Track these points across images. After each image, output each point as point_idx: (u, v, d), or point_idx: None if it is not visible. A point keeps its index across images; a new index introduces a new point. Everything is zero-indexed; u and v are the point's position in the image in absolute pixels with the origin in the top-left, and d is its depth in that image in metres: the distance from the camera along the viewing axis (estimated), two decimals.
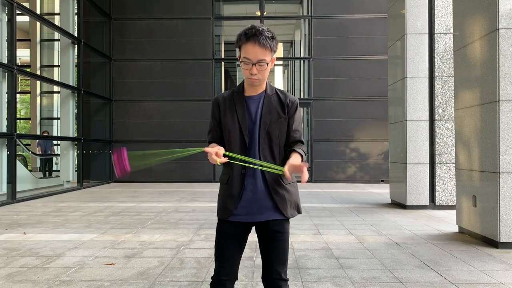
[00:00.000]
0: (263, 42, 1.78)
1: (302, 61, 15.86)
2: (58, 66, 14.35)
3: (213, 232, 5.26)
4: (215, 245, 1.93)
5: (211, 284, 1.90)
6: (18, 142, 10.66)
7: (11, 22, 8.72)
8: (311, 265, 3.83)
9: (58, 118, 15.11)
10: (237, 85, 2.28)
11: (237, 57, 1.92)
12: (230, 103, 1.92)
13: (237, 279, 1.93)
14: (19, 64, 16.29)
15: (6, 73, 8.64)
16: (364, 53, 13.32)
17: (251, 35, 1.79)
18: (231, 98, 1.94)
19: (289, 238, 4.88)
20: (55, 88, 15.85)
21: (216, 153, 1.75)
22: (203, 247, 4.53)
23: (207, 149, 1.77)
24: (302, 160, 1.83)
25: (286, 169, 1.74)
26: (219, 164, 1.77)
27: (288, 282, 1.93)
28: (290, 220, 1.96)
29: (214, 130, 1.96)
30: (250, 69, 1.82)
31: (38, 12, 14.36)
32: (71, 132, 11.71)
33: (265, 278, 1.91)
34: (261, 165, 1.84)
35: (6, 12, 8.77)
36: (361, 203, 8.28)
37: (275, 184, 1.88)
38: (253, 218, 1.88)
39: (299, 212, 1.96)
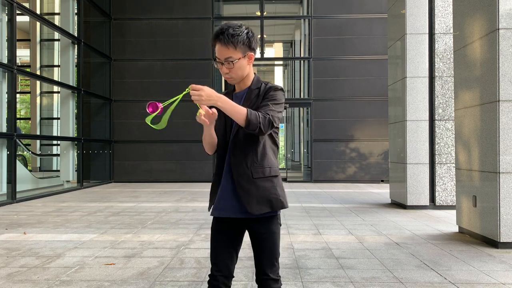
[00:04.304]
0: (224, 41, 1.78)
1: (302, 61, 15.87)
2: (58, 66, 14.33)
3: None
4: (210, 243, 1.97)
5: (208, 281, 1.93)
6: (18, 142, 10.66)
7: (11, 22, 8.72)
8: (311, 265, 3.83)
9: (58, 118, 15.10)
10: None
11: None
12: None
13: (233, 277, 1.93)
14: (19, 64, 16.28)
15: (6, 73, 8.64)
16: (364, 53, 13.32)
17: (215, 35, 1.82)
18: None
19: (289, 238, 4.89)
20: (55, 88, 15.84)
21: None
22: (203, 247, 4.52)
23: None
24: (246, 120, 1.70)
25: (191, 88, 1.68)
26: (203, 113, 1.72)
27: (281, 281, 1.92)
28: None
29: None
30: (221, 68, 1.85)
31: (38, 12, 14.35)
32: (71, 132, 11.71)
33: (256, 279, 1.92)
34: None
35: (6, 12, 8.77)
36: (361, 203, 8.28)
37: (240, 178, 1.84)
38: (226, 213, 1.89)
39: (272, 208, 1.84)
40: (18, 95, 14.81)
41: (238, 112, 1.71)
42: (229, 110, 1.72)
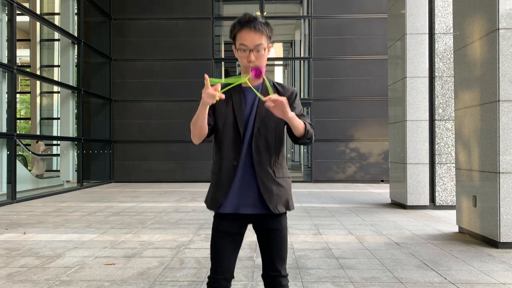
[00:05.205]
0: (258, 27, 1.79)
1: (302, 61, 15.87)
2: (58, 66, 14.33)
3: None
4: (210, 243, 1.91)
5: (207, 283, 1.90)
6: (18, 142, 10.66)
7: (11, 22, 8.72)
8: (311, 265, 3.83)
9: (58, 118, 15.10)
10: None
11: (232, 48, 1.90)
12: (227, 92, 1.86)
13: (233, 278, 1.91)
14: (19, 64, 16.28)
15: (6, 73, 8.64)
16: (364, 53, 13.32)
17: (245, 21, 1.80)
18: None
19: (289, 238, 4.89)
20: (55, 88, 15.84)
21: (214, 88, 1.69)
22: (203, 247, 4.52)
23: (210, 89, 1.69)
24: (305, 130, 1.80)
25: (268, 97, 1.68)
26: (217, 99, 1.70)
27: (288, 278, 1.93)
28: (288, 218, 1.94)
29: None
30: (248, 56, 1.80)
31: (38, 12, 14.35)
32: (71, 132, 11.72)
33: (265, 275, 1.91)
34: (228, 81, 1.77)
35: (6, 12, 8.77)
36: (361, 203, 8.28)
37: (264, 177, 1.84)
38: (241, 210, 1.85)
39: (287, 209, 1.90)
40: (18, 95, 14.82)
41: (301, 124, 1.80)
42: (296, 123, 1.77)
